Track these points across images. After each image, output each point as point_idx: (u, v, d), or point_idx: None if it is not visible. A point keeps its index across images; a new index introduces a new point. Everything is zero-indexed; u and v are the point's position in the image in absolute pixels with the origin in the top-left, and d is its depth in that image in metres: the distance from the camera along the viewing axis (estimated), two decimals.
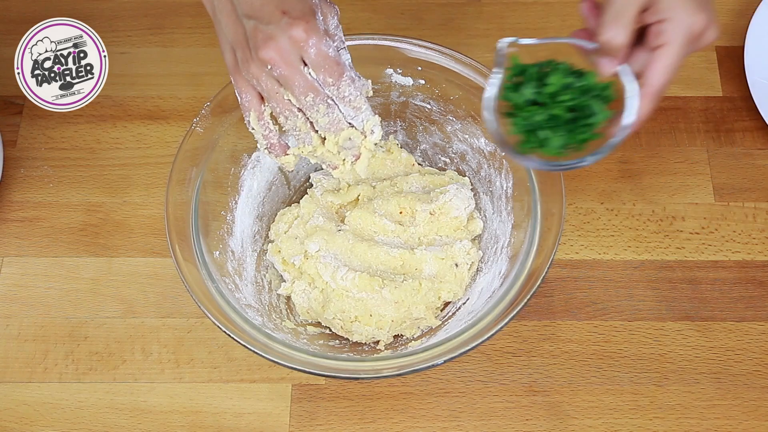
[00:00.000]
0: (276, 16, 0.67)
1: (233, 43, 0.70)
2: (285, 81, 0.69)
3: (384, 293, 0.82)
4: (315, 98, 0.70)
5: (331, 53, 0.69)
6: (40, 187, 0.95)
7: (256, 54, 0.68)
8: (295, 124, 0.72)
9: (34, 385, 0.85)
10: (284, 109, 0.71)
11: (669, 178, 0.95)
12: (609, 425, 0.82)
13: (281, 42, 0.67)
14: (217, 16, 0.71)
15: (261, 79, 0.70)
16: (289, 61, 0.68)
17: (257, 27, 0.68)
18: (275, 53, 0.67)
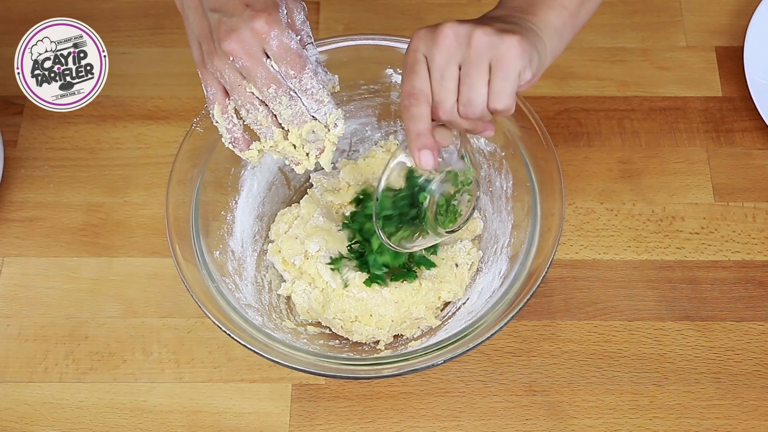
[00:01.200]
0: (239, 9, 0.68)
1: (199, 36, 0.71)
2: (247, 73, 0.69)
3: (384, 293, 0.82)
4: (277, 90, 0.70)
5: (293, 46, 0.69)
6: (40, 187, 0.95)
7: (219, 46, 0.68)
8: (257, 117, 0.72)
9: (35, 385, 0.85)
10: (246, 101, 0.71)
11: (669, 178, 0.95)
12: (609, 425, 0.82)
13: (243, 34, 0.68)
14: (185, 12, 0.72)
15: (224, 71, 0.70)
16: (251, 53, 0.68)
17: (221, 20, 0.68)
18: (237, 45, 0.68)
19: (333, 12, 1.05)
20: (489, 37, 0.64)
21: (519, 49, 0.64)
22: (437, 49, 0.65)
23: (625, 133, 0.97)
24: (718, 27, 1.04)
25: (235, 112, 0.74)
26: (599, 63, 1.02)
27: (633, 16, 1.05)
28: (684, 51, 1.02)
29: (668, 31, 1.04)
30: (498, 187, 0.88)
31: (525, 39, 0.65)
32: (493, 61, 0.64)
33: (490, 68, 0.65)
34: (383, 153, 0.93)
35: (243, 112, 0.73)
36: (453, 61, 0.65)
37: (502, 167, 0.87)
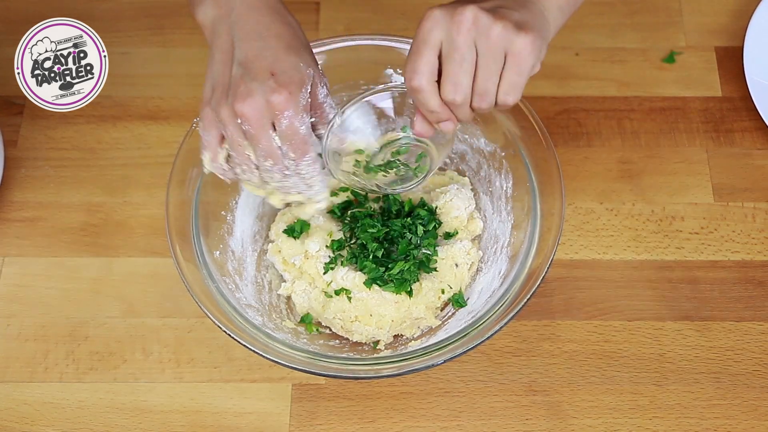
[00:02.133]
0: (263, 75, 0.68)
1: (216, 81, 0.71)
2: (251, 138, 0.70)
3: (384, 293, 0.82)
4: (273, 165, 0.71)
5: (301, 131, 0.69)
6: (40, 187, 0.95)
7: (232, 102, 0.68)
8: (250, 178, 0.74)
9: (35, 385, 0.85)
10: (242, 161, 0.72)
11: (668, 178, 0.95)
12: (609, 425, 0.82)
13: (258, 102, 0.68)
14: (212, 50, 0.72)
15: (228, 126, 0.70)
16: (260, 123, 0.68)
17: (243, 78, 0.68)
18: (249, 110, 0.68)
19: (333, 12, 1.05)
20: (507, 32, 0.64)
21: (534, 46, 0.65)
22: (458, 32, 0.64)
23: (625, 133, 0.97)
24: (717, 27, 1.04)
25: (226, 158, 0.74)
26: (599, 63, 1.02)
27: (633, 16, 1.05)
28: (684, 51, 1.02)
29: (668, 31, 1.04)
30: (498, 187, 0.88)
31: (539, 35, 0.66)
32: (509, 54, 0.65)
33: (505, 61, 0.66)
34: None
35: (237, 169, 0.74)
36: (473, 47, 0.65)
37: (502, 167, 0.87)
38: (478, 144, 0.89)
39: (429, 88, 0.67)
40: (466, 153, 0.91)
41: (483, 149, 0.89)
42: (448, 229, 0.87)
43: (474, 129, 0.88)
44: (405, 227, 0.85)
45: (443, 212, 0.87)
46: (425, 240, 0.85)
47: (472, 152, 0.90)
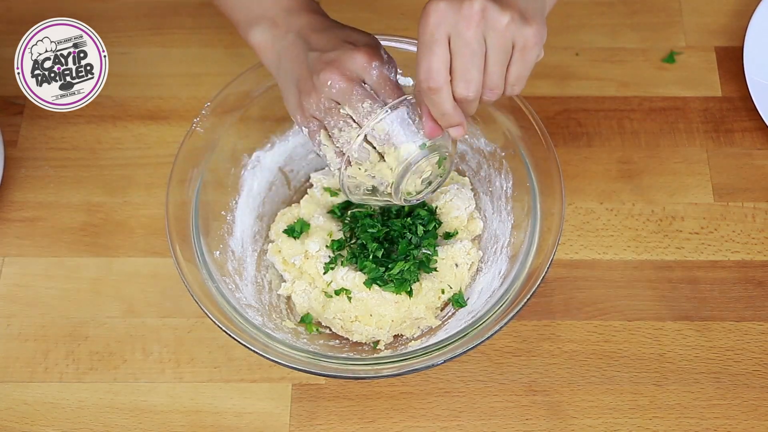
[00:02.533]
0: (339, 45, 0.70)
1: (297, 79, 0.71)
2: (343, 93, 0.69)
3: (384, 293, 0.82)
4: (372, 104, 0.70)
5: (392, 77, 0.70)
6: (40, 187, 0.95)
7: (317, 77, 0.69)
8: (350, 135, 0.71)
9: (35, 385, 0.85)
10: (339, 120, 0.71)
11: (668, 178, 0.95)
12: (609, 425, 0.82)
13: (344, 62, 0.69)
14: (282, 65, 0.73)
15: (320, 102, 0.70)
16: (349, 77, 0.69)
17: (320, 57, 0.69)
18: (337, 70, 0.69)
19: (333, 12, 1.04)
20: (515, 24, 0.63)
21: (539, 36, 0.65)
22: (467, 26, 0.62)
23: (625, 133, 0.97)
24: (717, 27, 1.04)
25: None
26: (599, 63, 1.02)
27: (633, 16, 1.05)
28: (684, 51, 1.02)
29: (668, 31, 1.04)
30: (498, 187, 0.88)
31: (542, 22, 0.65)
32: (516, 46, 0.64)
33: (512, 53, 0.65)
34: None
35: (335, 132, 0.72)
36: (483, 40, 0.63)
37: (502, 167, 0.87)
38: (478, 144, 0.89)
39: (446, 87, 0.65)
40: (466, 153, 0.91)
41: (483, 149, 0.89)
42: (448, 229, 0.87)
43: (474, 129, 0.89)
44: (405, 227, 0.85)
45: (443, 212, 0.87)
46: (425, 240, 0.85)
47: (472, 152, 0.90)
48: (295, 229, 0.86)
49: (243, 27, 0.76)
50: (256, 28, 0.74)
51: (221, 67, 1.01)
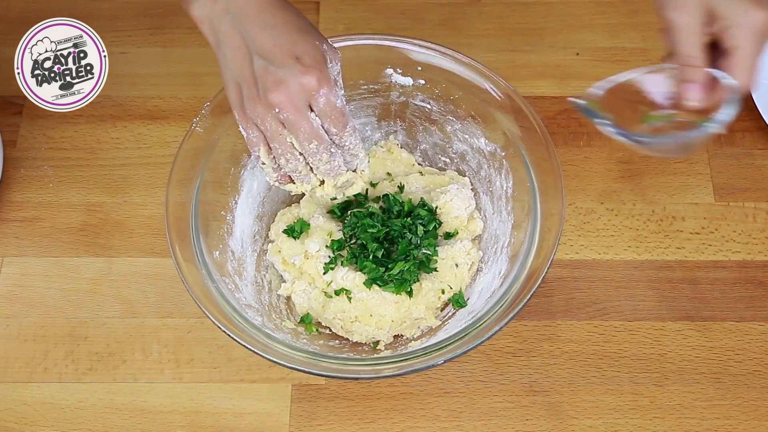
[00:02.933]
0: (288, 61, 0.67)
1: (239, 78, 0.70)
2: (291, 125, 0.70)
3: (384, 293, 0.82)
4: (318, 146, 0.71)
5: (338, 104, 0.70)
6: (40, 187, 0.95)
7: (264, 95, 0.68)
8: (296, 167, 0.73)
9: (34, 385, 0.85)
10: (286, 151, 0.72)
11: (669, 178, 0.95)
12: (609, 425, 0.82)
13: (292, 87, 0.68)
14: (222, 49, 0.71)
15: (266, 120, 0.70)
16: (298, 107, 0.68)
17: (268, 69, 0.68)
18: (285, 98, 0.68)
19: (333, 12, 1.05)
20: None
21: None
22: None
23: None
24: None
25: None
26: (599, 63, 1.02)
27: (633, 15, 1.05)
28: None
29: None
30: (498, 187, 0.88)
31: None
32: None
33: None
34: (383, 153, 0.93)
35: (282, 161, 0.73)
36: None
37: (502, 167, 0.87)
38: (478, 144, 0.89)
39: None
40: (466, 153, 0.91)
41: (483, 149, 0.89)
42: (448, 229, 0.87)
43: (474, 129, 0.88)
44: (405, 227, 0.85)
45: (443, 212, 0.87)
46: (425, 240, 0.85)
47: (472, 152, 0.90)
48: (295, 229, 0.86)
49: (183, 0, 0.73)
50: (196, 1, 0.70)
51: None
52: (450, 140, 0.91)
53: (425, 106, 0.90)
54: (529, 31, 1.04)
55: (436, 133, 0.92)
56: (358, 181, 0.78)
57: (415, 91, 0.89)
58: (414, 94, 0.89)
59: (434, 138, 0.92)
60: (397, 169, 0.92)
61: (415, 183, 0.90)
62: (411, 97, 0.90)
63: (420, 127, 0.92)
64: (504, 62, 1.01)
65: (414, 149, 0.94)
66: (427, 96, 0.89)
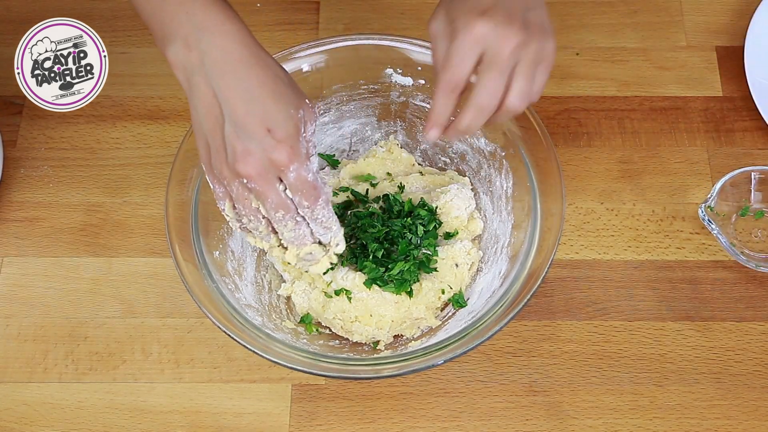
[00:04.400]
0: (259, 133, 0.65)
1: (208, 136, 0.68)
2: (258, 195, 0.68)
3: (384, 293, 0.82)
4: (285, 215, 0.70)
5: (310, 177, 0.68)
6: (40, 187, 0.95)
7: (233, 163, 0.66)
8: (257, 227, 0.72)
9: (34, 385, 0.85)
10: (249, 213, 0.71)
11: (669, 178, 0.95)
12: (609, 425, 0.82)
13: (261, 160, 0.66)
14: (193, 100, 0.68)
15: (232, 183, 0.69)
16: (266, 179, 0.67)
17: (238, 136, 0.65)
18: (253, 170, 0.66)
19: (333, 12, 1.05)
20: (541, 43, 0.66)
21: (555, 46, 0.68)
22: (507, 45, 0.65)
23: (625, 133, 0.97)
24: (718, 27, 1.04)
25: None
26: (599, 63, 1.02)
27: (633, 15, 1.05)
28: (684, 51, 1.02)
29: (668, 30, 1.04)
30: (498, 187, 0.88)
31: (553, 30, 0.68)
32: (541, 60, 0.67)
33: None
34: (383, 153, 0.93)
35: (244, 220, 0.73)
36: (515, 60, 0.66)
37: (502, 167, 0.87)
38: (478, 144, 0.89)
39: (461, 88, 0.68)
40: (466, 153, 0.91)
41: (483, 149, 0.89)
42: (448, 229, 0.87)
43: None
44: (405, 227, 0.85)
45: (443, 212, 0.87)
46: (425, 240, 0.84)
47: (472, 152, 0.90)
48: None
49: (159, 38, 0.69)
50: (171, 46, 0.67)
51: None
52: (450, 140, 0.91)
53: (425, 106, 0.90)
54: None
55: None
56: (324, 260, 0.76)
57: (415, 91, 0.89)
58: (414, 94, 0.89)
59: None
60: (397, 169, 0.92)
61: (415, 183, 0.90)
62: (411, 97, 0.90)
63: (420, 127, 0.92)
64: None
65: (414, 149, 0.94)
66: (427, 96, 0.89)
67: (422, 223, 0.85)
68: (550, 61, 0.68)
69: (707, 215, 0.88)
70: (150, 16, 0.69)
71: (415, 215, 0.86)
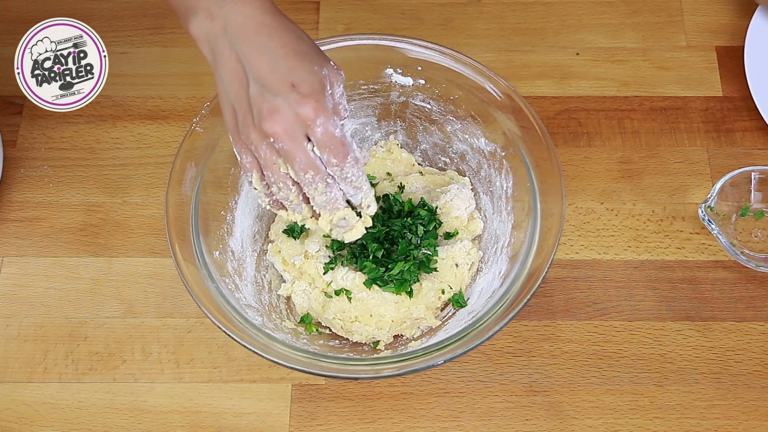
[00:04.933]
0: (284, 89, 0.65)
1: (234, 102, 0.68)
2: (286, 155, 0.68)
3: (384, 293, 0.82)
4: (315, 176, 0.69)
5: (337, 133, 0.67)
6: (40, 187, 0.95)
7: (259, 123, 0.66)
8: (288, 195, 0.71)
9: (34, 385, 0.85)
10: (279, 180, 0.70)
11: (669, 178, 0.95)
12: (609, 425, 0.82)
13: (287, 116, 0.66)
14: (219, 70, 0.69)
15: (260, 147, 0.68)
16: (294, 137, 0.66)
17: (264, 96, 0.66)
18: (280, 127, 0.66)
19: (333, 12, 1.05)
20: None
21: None
22: None
23: (625, 133, 0.97)
24: (718, 27, 1.04)
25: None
26: (599, 63, 1.02)
27: (633, 15, 1.05)
28: (684, 51, 1.02)
29: (668, 30, 1.04)
30: (498, 187, 0.88)
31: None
32: None
33: None
34: (383, 153, 0.93)
35: (274, 188, 0.71)
36: None
37: (502, 167, 0.87)
38: (478, 144, 0.89)
39: None
40: (466, 153, 0.91)
41: (483, 149, 0.89)
42: (448, 229, 0.87)
43: (474, 129, 0.88)
44: (405, 227, 0.85)
45: (443, 212, 0.87)
46: (425, 240, 0.84)
47: (472, 152, 0.90)
48: (294, 229, 0.86)
49: (182, 15, 0.70)
50: (194, 18, 0.68)
51: None
52: (450, 140, 0.91)
53: (425, 106, 0.90)
54: (529, 31, 1.04)
55: (436, 133, 0.92)
56: (358, 226, 0.75)
57: (415, 91, 0.89)
58: (414, 94, 0.89)
59: (434, 138, 0.92)
60: (397, 169, 0.92)
61: (415, 183, 0.90)
62: (411, 97, 0.90)
63: (420, 127, 0.92)
64: (504, 62, 1.01)
65: (414, 149, 0.94)
66: (427, 96, 0.89)
67: (422, 223, 0.85)
68: None
69: (707, 215, 0.88)
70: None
71: (415, 215, 0.86)
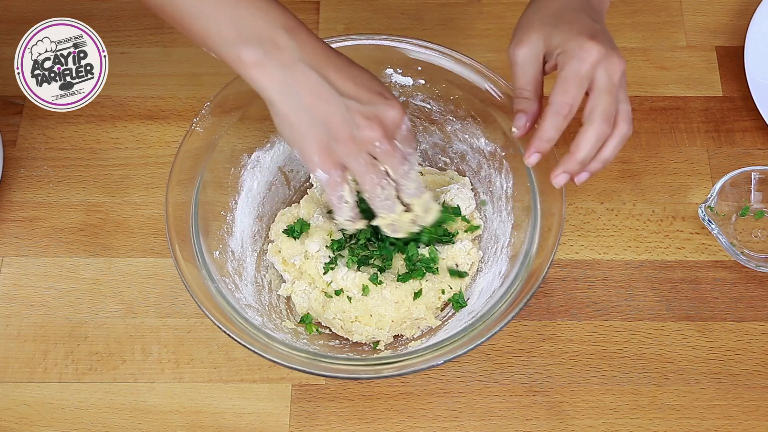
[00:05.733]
0: (375, 98, 0.72)
1: (323, 120, 0.71)
2: (385, 155, 0.73)
3: (384, 293, 0.82)
4: (409, 167, 0.75)
5: (410, 127, 0.75)
6: (40, 187, 0.95)
7: (359, 133, 0.71)
8: (389, 194, 0.75)
9: (34, 385, 0.85)
10: (381, 179, 0.74)
11: (669, 178, 0.95)
12: (609, 425, 0.82)
13: (385, 120, 0.71)
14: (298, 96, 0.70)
15: (359, 156, 0.72)
16: (389, 138, 0.72)
17: (359, 108, 0.71)
18: (380, 131, 0.71)
19: (333, 12, 1.05)
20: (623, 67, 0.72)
21: None
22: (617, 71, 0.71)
23: None
24: (718, 27, 1.04)
25: None
26: None
27: (633, 15, 1.05)
28: (684, 51, 1.02)
29: (668, 30, 1.04)
30: (498, 187, 0.88)
31: None
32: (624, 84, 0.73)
33: None
34: None
35: (377, 191, 0.75)
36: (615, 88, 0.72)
37: (502, 167, 0.87)
38: (478, 144, 0.89)
39: None
40: (466, 153, 0.91)
41: (483, 149, 0.89)
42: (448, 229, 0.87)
43: (474, 129, 0.88)
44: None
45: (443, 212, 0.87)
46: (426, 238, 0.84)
47: (472, 152, 0.90)
48: (294, 229, 0.86)
49: (226, 45, 0.71)
50: (254, 48, 0.69)
51: (221, 67, 1.00)
52: (450, 140, 0.91)
53: (425, 106, 0.90)
54: None
55: (436, 133, 0.92)
56: (434, 206, 0.80)
57: (415, 91, 0.89)
58: (414, 94, 0.89)
59: (434, 138, 0.92)
60: None
61: None
62: (411, 97, 0.90)
63: (420, 127, 0.92)
64: (504, 62, 1.00)
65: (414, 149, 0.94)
66: (427, 96, 0.89)
67: None
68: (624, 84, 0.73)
69: (707, 215, 0.88)
70: (207, 21, 0.72)
71: None
